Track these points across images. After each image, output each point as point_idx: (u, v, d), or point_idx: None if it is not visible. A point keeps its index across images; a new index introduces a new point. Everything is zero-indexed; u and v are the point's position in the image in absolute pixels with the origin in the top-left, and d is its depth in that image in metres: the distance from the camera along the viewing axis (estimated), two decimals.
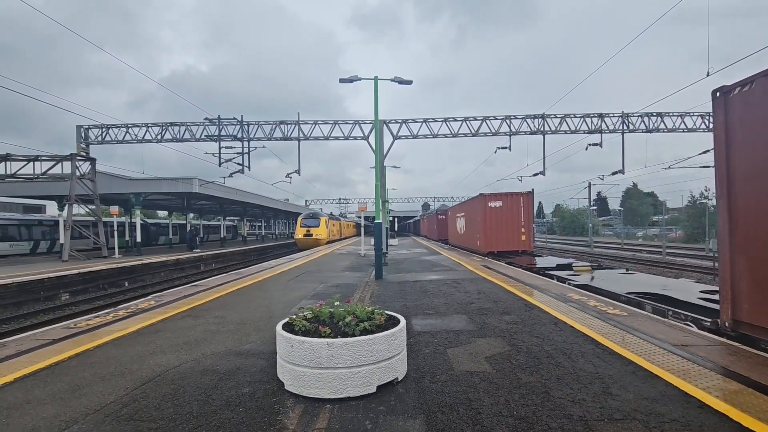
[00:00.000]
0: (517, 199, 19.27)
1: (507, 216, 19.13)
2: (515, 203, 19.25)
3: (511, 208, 19.14)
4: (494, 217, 19.13)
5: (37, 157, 20.67)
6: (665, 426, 2.93)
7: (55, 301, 14.33)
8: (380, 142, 18.23)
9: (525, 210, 19.18)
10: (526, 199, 19.27)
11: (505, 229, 19.09)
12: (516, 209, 19.11)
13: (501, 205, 19.17)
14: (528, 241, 19.20)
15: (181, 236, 42.20)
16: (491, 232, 19.14)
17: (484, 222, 19.36)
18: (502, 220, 19.09)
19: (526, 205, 19.23)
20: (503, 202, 19.24)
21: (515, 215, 19.17)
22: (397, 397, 3.55)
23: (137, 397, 3.62)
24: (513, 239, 19.08)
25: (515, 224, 19.15)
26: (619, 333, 5.37)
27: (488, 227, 19.18)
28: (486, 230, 19.24)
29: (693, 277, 17.65)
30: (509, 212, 19.14)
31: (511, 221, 19.13)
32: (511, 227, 19.11)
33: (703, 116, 22.85)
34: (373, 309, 4.12)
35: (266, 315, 7.01)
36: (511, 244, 19.09)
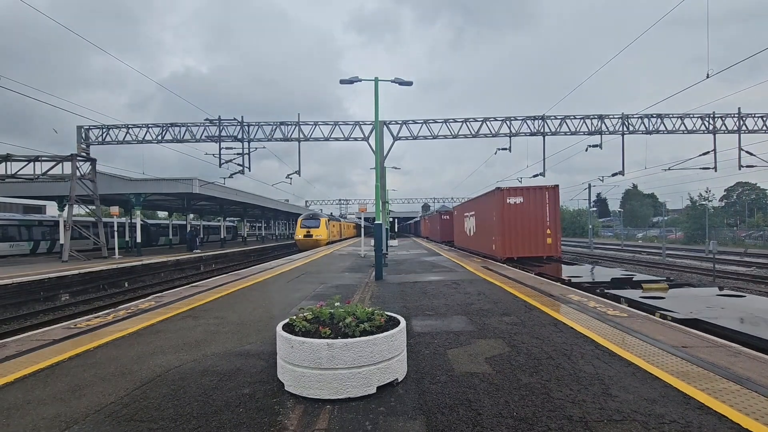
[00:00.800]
0: (541, 194, 16.28)
1: (529, 214, 16.21)
2: (539, 199, 16.26)
3: (534, 205, 16.21)
4: (514, 215, 16.24)
5: (37, 158, 20.69)
6: (665, 427, 2.93)
7: (55, 301, 14.32)
8: (380, 143, 18.26)
9: (551, 207, 16.22)
10: (551, 194, 16.27)
11: (526, 230, 16.19)
12: (540, 206, 16.19)
13: (522, 201, 16.20)
14: (555, 245, 16.24)
15: (181, 237, 42.21)
16: (510, 234, 16.26)
17: (501, 222, 16.41)
18: (523, 219, 16.20)
19: (551, 201, 16.23)
20: (525, 197, 16.26)
21: (539, 213, 16.23)
22: (397, 398, 3.55)
23: (137, 398, 3.62)
24: (536, 243, 16.20)
25: (539, 224, 16.20)
26: (618, 334, 5.37)
27: (506, 228, 16.26)
28: (504, 232, 16.33)
29: (693, 278, 17.65)
30: (532, 210, 16.21)
31: (534, 221, 16.21)
32: (534, 228, 16.19)
33: (703, 118, 22.87)
34: (373, 310, 4.12)
35: (266, 316, 7.01)
36: (535, 248, 16.23)
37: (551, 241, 16.25)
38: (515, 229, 16.28)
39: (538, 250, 16.32)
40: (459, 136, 23.01)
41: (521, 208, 16.29)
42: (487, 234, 18.63)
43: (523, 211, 16.27)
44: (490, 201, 18.10)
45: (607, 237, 64.86)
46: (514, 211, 16.30)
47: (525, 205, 16.29)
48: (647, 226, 68.22)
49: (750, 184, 62.30)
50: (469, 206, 24.07)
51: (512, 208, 16.33)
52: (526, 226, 16.24)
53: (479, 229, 20.88)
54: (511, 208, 16.33)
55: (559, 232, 16.42)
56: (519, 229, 16.27)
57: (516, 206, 16.32)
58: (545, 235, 16.27)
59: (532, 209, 16.24)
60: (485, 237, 19.20)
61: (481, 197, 20.63)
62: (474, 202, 22.48)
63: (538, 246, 16.27)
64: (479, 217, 20.85)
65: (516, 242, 16.28)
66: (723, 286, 14.13)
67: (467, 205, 24.92)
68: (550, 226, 16.28)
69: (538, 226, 16.26)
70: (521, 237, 16.26)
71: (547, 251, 16.34)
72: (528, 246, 16.28)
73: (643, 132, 22.92)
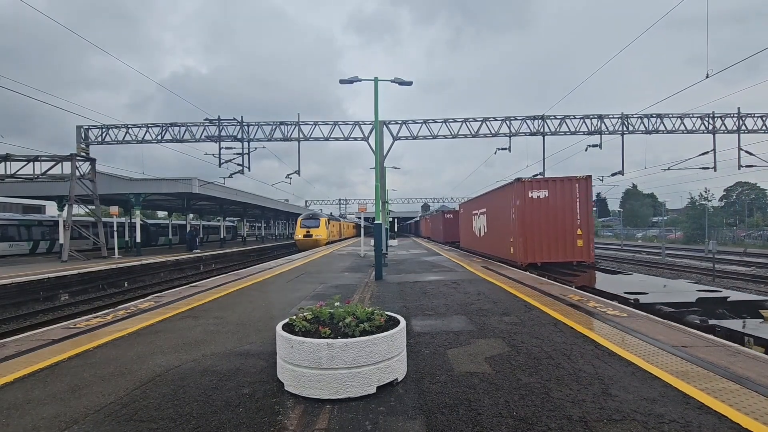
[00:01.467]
0: (571, 187, 13.93)
1: (556, 211, 13.89)
2: (567, 192, 13.91)
3: (562, 200, 13.89)
4: (537, 212, 13.93)
5: (37, 158, 20.67)
6: (664, 427, 2.93)
7: (55, 301, 14.32)
8: (380, 143, 18.26)
9: (582, 202, 13.86)
10: (583, 186, 13.88)
11: (553, 230, 13.88)
12: (569, 201, 13.85)
13: (547, 195, 13.90)
14: (587, 248, 13.82)
15: (180, 237, 42.21)
16: (533, 235, 13.92)
17: (521, 220, 14.05)
18: (548, 217, 13.90)
19: (583, 194, 13.85)
20: (550, 191, 13.95)
21: (568, 210, 13.86)
22: (397, 398, 3.55)
23: (137, 398, 3.62)
24: (565, 245, 13.85)
25: (568, 223, 13.85)
26: (618, 334, 5.37)
27: (529, 228, 13.93)
28: (525, 232, 13.97)
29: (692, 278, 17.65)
30: (559, 206, 13.90)
31: (561, 219, 13.87)
32: (562, 227, 13.86)
33: (703, 117, 22.89)
34: (373, 310, 4.12)
35: (266, 315, 7.01)
36: (563, 252, 13.87)
37: (582, 243, 13.79)
38: (539, 229, 13.91)
39: (567, 254, 13.84)
40: (459, 136, 23.02)
41: (546, 203, 13.89)
42: (503, 234, 16.09)
43: (549, 207, 13.87)
44: (507, 196, 15.49)
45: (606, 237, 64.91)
46: (538, 207, 13.91)
47: (551, 200, 13.89)
48: (647, 225, 68.30)
49: (749, 184, 62.39)
50: (478, 203, 21.33)
51: (535, 203, 13.94)
52: (553, 226, 13.85)
53: (492, 228, 18.36)
54: (534, 204, 13.94)
55: (591, 232, 14.02)
56: (544, 228, 13.89)
57: (540, 201, 13.93)
58: (575, 236, 13.84)
59: (559, 205, 13.85)
60: (500, 238, 16.65)
61: (494, 192, 17.87)
62: (485, 198, 19.66)
63: (566, 249, 13.83)
64: (492, 215, 18.27)
65: (540, 244, 13.93)
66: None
67: (476, 202, 21.99)
68: (582, 224, 13.86)
69: (567, 225, 13.84)
70: (546, 238, 13.88)
71: (578, 255, 13.84)
72: (555, 249, 13.87)
73: (642, 132, 22.93)
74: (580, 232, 13.80)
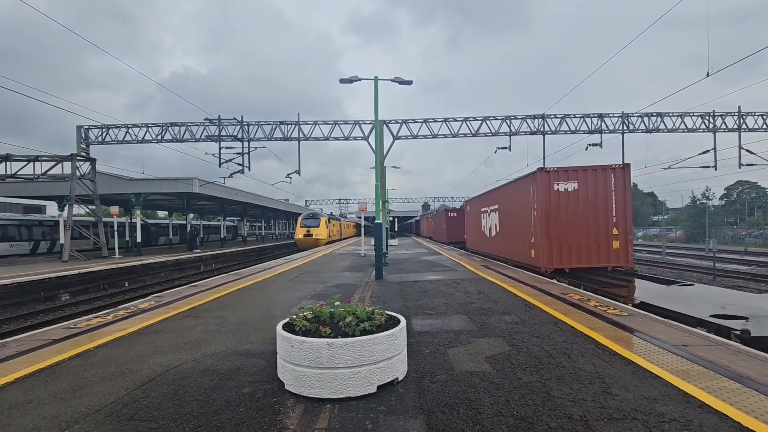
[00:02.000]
0: (605, 178, 11.90)
1: (587, 207, 11.88)
2: (601, 184, 11.90)
3: (595, 193, 11.89)
4: (565, 208, 11.93)
5: (37, 158, 20.68)
6: (665, 426, 2.93)
7: (56, 301, 14.33)
8: (380, 143, 18.25)
9: (618, 196, 11.89)
10: (619, 177, 11.90)
11: (584, 229, 11.87)
12: (603, 195, 11.88)
13: (576, 188, 11.91)
14: (624, 251, 11.82)
15: (181, 236, 42.22)
16: (560, 236, 11.90)
17: (545, 217, 12.00)
18: (578, 213, 11.89)
19: (619, 186, 11.89)
20: (581, 182, 11.92)
21: (601, 205, 11.86)
22: (397, 397, 3.55)
23: (138, 397, 3.62)
24: (598, 247, 11.85)
25: (602, 221, 11.86)
26: (619, 333, 5.37)
27: (554, 227, 11.93)
28: (550, 232, 11.94)
29: (693, 278, 17.64)
30: (591, 200, 11.88)
31: (594, 216, 11.86)
32: (594, 226, 11.85)
33: (703, 116, 22.86)
34: (373, 309, 4.12)
35: (266, 315, 7.01)
36: (596, 255, 11.86)
37: (619, 245, 11.78)
38: (567, 229, 11.88)
39: (601, 258, 11.84)
40: (459, 135, 23.01)
41: (576, 197, 11.90)
42: (521, 235, 13.96)
43: (579, 201, 11.88)
44: (526, 189, 13.37)
45: None
46: (566, 201, 11.92)
47: (581, 194, 11.88)
48: (647, 224, 68.27)
49: (750, 183, 62.34)
50: (488, 199, 19.04)
51: (563, 197, 11.93)
52: (584, 224, 11.85)
53: (506, 228, 16.15)
54: (561, 198, 11.94)
55: (630, 232, 11.94)
56: (573, 227, 11.87)
57: (568, 195, 11.92)
58: (610, 237, 11.81)
59: (591, 199, 11.87)
60: (517, 239, 14.48)
61: (510, 185, 15.68)
62: (498, 193, 17.48)
63: (600, 252, 11.83)
64: (506, 213, 16.09)
65: (568, 247, 11.90)
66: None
67: (486, 198, 19.70)
68: (618, 223, 11.82)
69: (601, 224, 11.83)
70: (576, 239, 11.85)
71: (614, 260, 11.84)
72: (586, 252, 11.86)
73: (643, 131, 22.91)
74: (616, 231, 11.82)
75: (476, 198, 22.70)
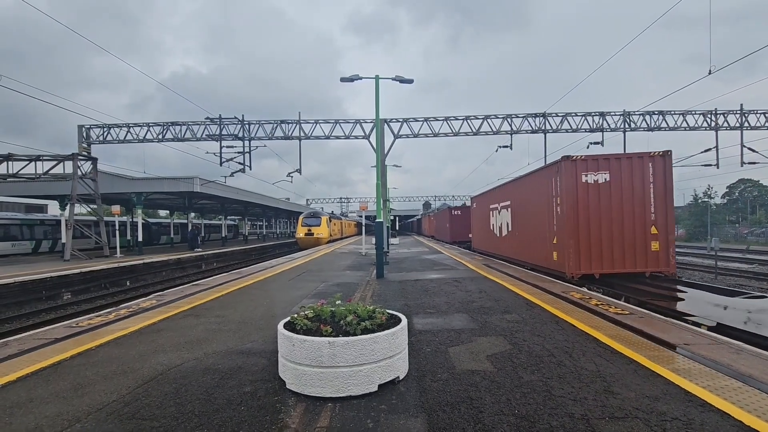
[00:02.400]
0: (642, 167, 10.31)
1: (621, 202, 10.31)
2: (637, 175, 10.31)
3: (630, 186, 10.33)
4: (594, 203, 10.35)
5: (39, 157, 20.71)
6: (667, 424, 2.92)
7: (57, 300, 14.36)
8: (381, 141, 18.24)
9: (657, 189, 10.27)
10: (659, 166, 10.30)
11: (618, 228, 10.29)
12: (639, 187, 10.30)
13: (608, 179, 10.34)
14: (665, 254, 10.27)
15: (182, 235, 42.28)
16: (588, 236, 10.32)
17: (571, 214, 10.39)
18: (610, 209, 10.30)
19: (659, 178, 10.29)
20: (613, 173, 10.34)
21: (638, 200, 10.29)
22: (398, 396, 3.55)
23: (139, 396, 3.63)
24: (634, 249, 10.28)
25: (638, 218, 10.27)
26: (620, 332, 5.36)
27: (582, 225, 10.34)
28: (576, 231, 10.37)
29: (694, 276, 17.59)
30: (626, 194, 10.32)
31: (630, 212, 10.27)
32: (630, 225, 10.28)
33: (705, 114, 22.80)
34: (374, 308, 4.12)
35: (268, 314, 7.02)
36: (631, 259, 10.28)
37: (659, 246, 10.24)
38: (597, 227, 10.30)
39: (638, 262, 10.28)
40: (460, 134, 22.99)
41: (608, 190, 10.33)
42: (539, 235, 12.38)
43: (612, 195, 10.32)
44: (546, 181, 11.69)
45: None
46: (596, 195, 10.34)
47: (614, 186, 10.33)
48: None
49: (752, 181, 62.17)
50: (499, 194, 17.28)
51: (592, 190, 10.36)
52: (618, 222, 10.28)
53: (521, 226, 14.41)
54: (589, 192, 10.37)
55: (671, 232, 10.36)
56: (604, 226, 10.29)
57: (599, 188, 10.34)
58: (648, 237, 10.27)
59: (626, 192, 10.32)
60: (534, 239, 12.90)
61: (525, 178, 13.92)
62: (510, 188, 15.72)
63: (636, 255, 10.28)
64: (521, 209, 14.38)
65: (599, 249, 10.29)
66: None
67: (496, 193, 17.89)
68: (658, 220, 10.26)
69: (637, 222, 10.28)
70: (608, 240, 10.29)
71: (653, 264, 10.28)
72: (620, 255, 10.28)
73: (644, 129, 22.86)
74: (655, 230, 10.24)
75: (484, 194, 20.84)
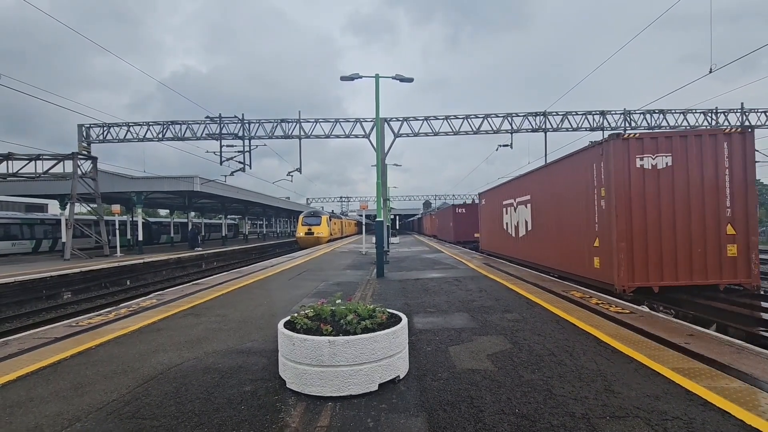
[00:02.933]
0: (715, 148, 8.30)
1: (687, 193, 8.26)
2: (709, 158, 8.28)
3: (698, 172, 8.29)
4: (652, 195, 8.30)
5: (38, 156, 20.71)
6: (668, 423, 2.92)
7: (58, 299, 14.36)
8: (381, 140, 18.22)
9: (735, 176, 8.25)
10: (737, 146, 8.28)
11: (683, 227, 8.21)
12: (711, 174, 8.26)
13: (670, 163, 8.28)
14: (745, 261, 8.19)
15: (182, 235, 42.31)
16: (645, 237, 8.27)
17: (623, 208, 8.33)
18: (672, 202, 8.26)
19: (737, 161, 8.26)
20: (677, 154, 8.29)
21: (709, 190, 8.26)
22: (398, 395, 3.55)
23: (139, 395, 3.63)
24: (704, 255, 8.21)
25: (709, 215, 8.25)
26: (621, 331, 5.35)
27: (637, 223, 8.29)
28: (633, 231, 8.29)
29: None
30: (693, 182, 8.28)
31: (698, 206, 8.26)
32: (698, 223, 8.24)
33: (706, 113, 22.77)
34: (374, 307, 4.12)
35: (268, 313, 7.01)
36: (700, 267, 8.21)
37: (736, 250, 8.17)
38: (656, 226, 8.21)
39: (709, 271, 8.18)
40: (460, 133, 22.98)
41: (669, 178, 8.23)
42: (572, 235, 10.19)
43: (675, 184, 8.22)
44: (583, 167, 9.55)
45: None
46: (653, 185, 8.25)
47: (678, 173, 8.22)
48: None
49: None
50: (515, 187, 15.01)
51: (649, 179, 8.26)
52: (683, 219, 8.17)
53: (544, 225, 12.19)
54: (646, 180, 8.27)
55: (754, 232, 8.24)
56: (664, 224, 8.19)
57: (657, 175, 8.24)
58: (723, 239, 8.20)
59: (695, 180, 8.26)
60: (565, 241, 10.68)
61: (553, 165, 11.61)
62: (531, 179, 13.47)
63: (707, 262, 8.18)
64: (546, 204, 12.06)
65: (657, 255, 8.17)
66: None
67: (511, 187, 15.59)
68: (736, 217, 8.21)
69: (708, 219, 8.23)
70: (669, 243, 8.17)
71: (729, 274, 8.19)
72: (685, 263, 8.16)
73: (645, 128, 22.84)
74: (732, 230, 8.17)
75: (496, 188, 18.49)
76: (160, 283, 18.44)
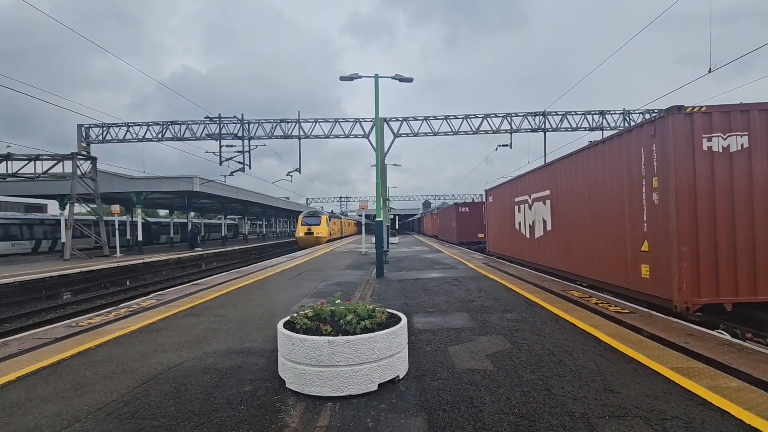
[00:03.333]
0: None
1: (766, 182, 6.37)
2: None
3: None
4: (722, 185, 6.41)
5: (38, 156, 20.69)
6: (667, 423, 2.92)
7: (57, 300, 14.36)
8: (381, 140, 18.22)
9: None
10: None
11: (762, 226, 6.31)
12: None
13: (746, 145, 6.40)
14: None
15: (182, 235, 42.30)
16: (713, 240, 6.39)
17: (686, 203, 6.38)
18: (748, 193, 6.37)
19: None
20: (754, 134, 6.39)
21: None
22: (398, 395, 3.55)
23: (139, 396, 3.63)
24: None
25: None
26: (620, 330, 5.36)
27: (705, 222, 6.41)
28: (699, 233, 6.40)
29: None
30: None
31: None
32: None
33: None
34: (374, 307, 4.12)
35: (267, 313, 7.01)
36: None
37: None
38: (728, 226, 6.43)
39: None
40: (460, 133, 22.98)
41: (742, 163, 6.45)
42: (608, 237, 8.49)
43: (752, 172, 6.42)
44: (627, 152, 7.74)
45: None
46: (724, 172, 6.47)
47: (756, 157, 6.44)
48: None
49: None
50: (530, 182, 13.48)
51: (718, 164, 6.48)
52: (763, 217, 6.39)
53: (568, 224, 10.54)
54: (715, 166, 6.48)
55: None
56: (738, 224, 6.40)
57: (729, 159, 6.47)
58: None
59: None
60: (599, 244, 8.88)
61: (584, 152, 9.75)
62: (551, 171, 11.74)
63: None
64: (571, 198, 10.34)
65: (731, 262, 6.38)
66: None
67: (525, 182, 14.00)
68: None
69: None
70: (745, 246, 6.37)
71: None
72: (766, 272, 6.41)
73: None
74: None
75: (506, 184, 16.64)
76: (160, 283, 18.44)
